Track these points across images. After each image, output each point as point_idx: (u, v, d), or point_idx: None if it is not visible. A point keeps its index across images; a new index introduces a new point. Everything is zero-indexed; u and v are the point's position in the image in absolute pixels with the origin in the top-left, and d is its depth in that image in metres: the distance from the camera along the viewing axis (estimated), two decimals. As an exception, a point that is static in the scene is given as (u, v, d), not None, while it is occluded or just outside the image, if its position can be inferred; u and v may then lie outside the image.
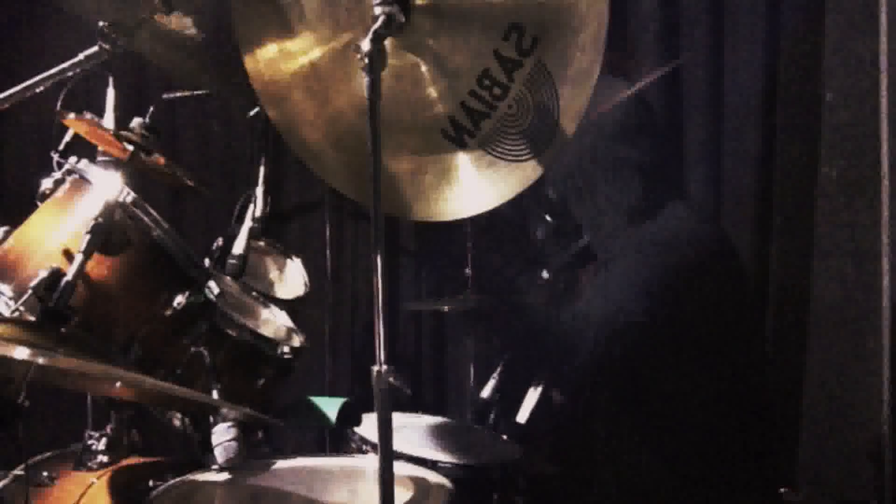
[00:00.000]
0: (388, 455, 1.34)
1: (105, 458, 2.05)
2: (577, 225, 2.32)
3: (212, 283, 1.84)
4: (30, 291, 1.67)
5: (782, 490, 2.23)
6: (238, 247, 2.05)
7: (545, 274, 2.51)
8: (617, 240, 2.21)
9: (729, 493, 2.05)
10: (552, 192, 2.33)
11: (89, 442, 2.08)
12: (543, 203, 2.38)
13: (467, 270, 2.77)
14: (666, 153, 2.32)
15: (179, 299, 1.81)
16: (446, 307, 2.82)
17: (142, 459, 2.11)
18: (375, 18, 1.47)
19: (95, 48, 1.93)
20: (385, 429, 1.34)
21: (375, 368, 1.34)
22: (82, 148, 2.00)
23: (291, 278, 2.41)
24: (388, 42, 1.46)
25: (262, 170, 2.20)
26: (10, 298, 1.72)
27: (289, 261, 2.44)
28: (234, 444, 1.70)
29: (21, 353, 1.39)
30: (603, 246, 2.27)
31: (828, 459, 2.39)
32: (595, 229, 2.26)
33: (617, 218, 2.20)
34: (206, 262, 2.10)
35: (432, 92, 1.63)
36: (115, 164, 2.11)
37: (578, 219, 2.29)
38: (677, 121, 2.76)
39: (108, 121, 2.16)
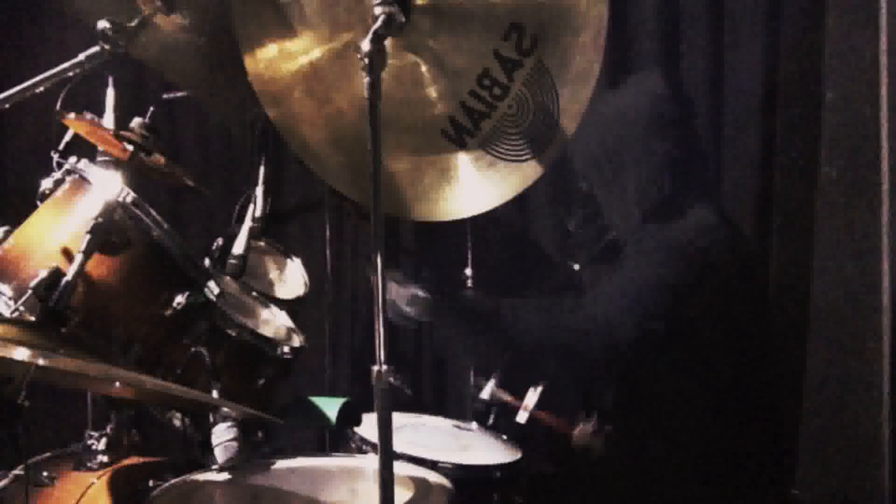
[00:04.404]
0: (388, 455, 1.34)
1: (105, 458, 2.06)
2: (603, 219, 2.31)
3: (212, 283, 1.84)
4: (30, 291, 1.67)
5: (794, 491, 2.23)
6: (238, 247, 2.05)
7: (576, 266, 2.52)
8: (641, 236, 2.20)
9: (737, 493, 2.05)
10: (583, 183, 2.33)
11: (89, 442, 2.08)
12: (575, 195, 2.38)
13: (467, 270, 2.77)
14: (699, 150, 2.31)
15: (179, 299, 1.81)
16: (446, 307, 2.82)
17: (142, 459, 2.11)
18: (375, 18, 1.48)
19: (96, 49, 1.93)
20: (385, 429, 1.34)
21: (375, 368, 1.34)
22: (82, 148, 2.00)
23: (291, 278, 2.41)
24: (388, 42, 1.46)
25: (262, 170, 2.20)
26: (10, 298, 1.72)
27: (289, 261, 2.44)
28: (234, 444, 1.70)
29: (21, 353, 1.39)
30: (629, 239, 2.25)
31: (828, 459, 2.39)
32: (622, 221, 2.25)
33: (643, 211, 2.19)
34: (206, 262, 2.10)
35: (432, 92, 1.63)
36: (115, 164, 2.11)
37: (606, 211, 2.28)
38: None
39: (108, 121, 2.17)
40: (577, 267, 2.51)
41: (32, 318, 1.67)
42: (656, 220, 2.18)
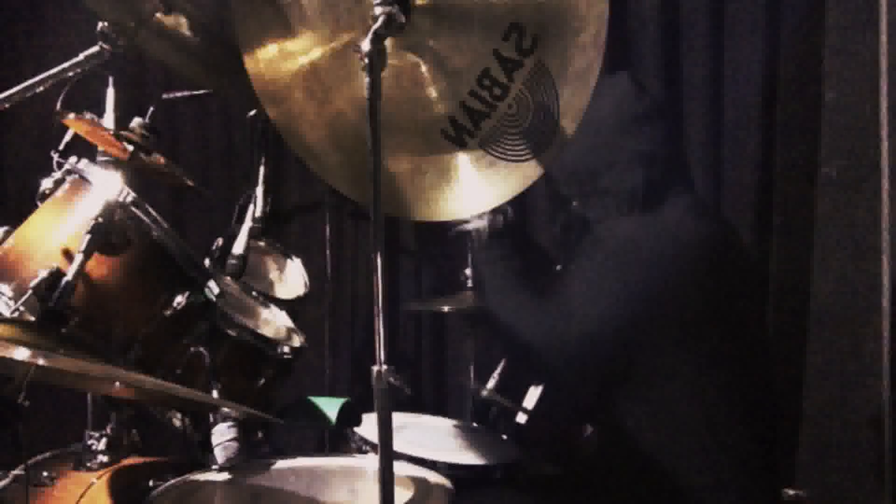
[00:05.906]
0: (388, 455, 1.34)
1: (105, 458, 2.06)
2: (585, 220, 2.31)
3: (212, 283, 1.84)
4: (30, 291, 1.67)
5: (789, 491, 2.23)
6: (238, 247, 2.05)
7: (558, 267, 2.52)
8: (617, 231, 2.19)
9: (737, 493, 2.05)
10: (563, 189, 2.32)
11: (89, 442, 2.08)
12: (556, 200, 2.38)
13: (467, 270, 2.77)
14: (669, 144, 2.31)
15: (179, 299, 1.81)
16: (446, 307, 2.82)
17: (142, 459, 2.11)
18: (375, 18, 1.48)
19: (96, 48, 1.93)
20: (385, 429, 1.34)
21: (375, 368, 1.34)
22: (82, 148, 2.00)
23: (291, 278, 2.41)
24: (388, 42, 1.46)
25: (262, 170, 2.20)
26: (10, 298, 1.72)
27: (289, 261, 2.44)
28: (234, 444, 1.70)
29: (21, 353, 1.39)
30: (605, 238, 2.25)
31: (828, 459, 2.39)
32: (600, 224, 2.25)
33: (621, 211, 2.19)
34: (206, 262, 2.10)
35: (432, 92, 1.63)
36: (115, 164, 2.11)
37: (584, 214, 2.28)
38: (678, 120, 2.76)
39: (108, 121, 2.17)
40: (559, 268, 2.51)
41: (32, 318, 1.67)
42: (631, 214, 2.17)
